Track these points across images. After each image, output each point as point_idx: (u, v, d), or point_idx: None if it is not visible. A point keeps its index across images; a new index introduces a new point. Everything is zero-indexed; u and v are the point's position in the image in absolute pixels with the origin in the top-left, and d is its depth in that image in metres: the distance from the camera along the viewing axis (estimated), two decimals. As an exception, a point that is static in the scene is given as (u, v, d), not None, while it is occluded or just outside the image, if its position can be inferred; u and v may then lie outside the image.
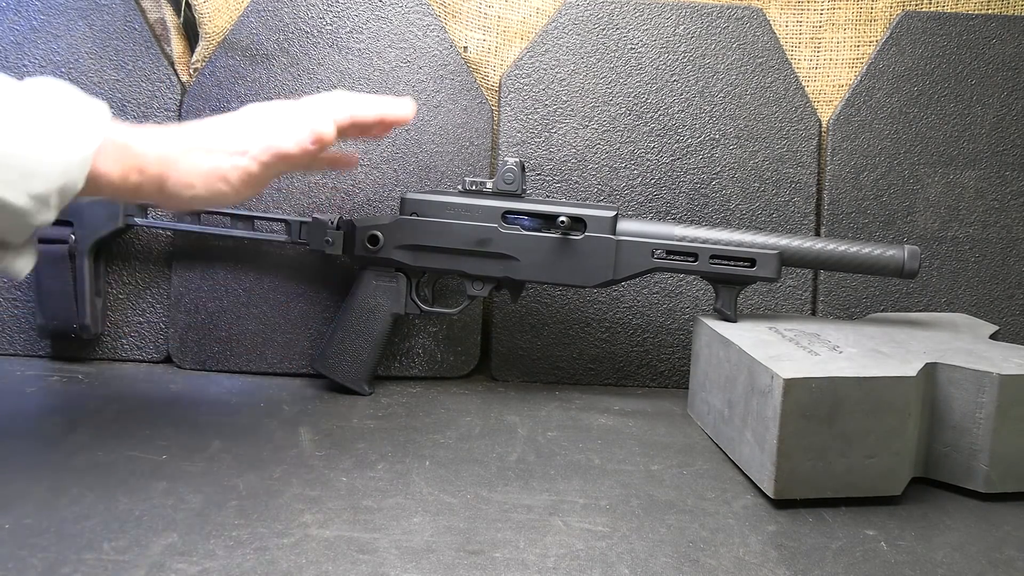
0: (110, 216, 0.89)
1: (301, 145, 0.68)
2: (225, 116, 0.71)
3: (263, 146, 0.68)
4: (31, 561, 0.54)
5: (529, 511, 0.65)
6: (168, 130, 0.69)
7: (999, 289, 1.01)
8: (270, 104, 0.72)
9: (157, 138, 0.67)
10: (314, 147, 0.69)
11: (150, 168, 0.66)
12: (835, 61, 1.02)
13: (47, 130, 0.62)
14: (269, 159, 0.68)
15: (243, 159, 0.68)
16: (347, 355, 0.89)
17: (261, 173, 0.69)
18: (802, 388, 0.67)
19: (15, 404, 0.82)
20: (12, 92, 0.63)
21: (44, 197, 0.61)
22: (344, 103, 0.73)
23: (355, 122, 0.73)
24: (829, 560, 0.60)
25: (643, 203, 0.99)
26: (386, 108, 0.75)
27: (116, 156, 0.64)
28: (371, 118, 0.74)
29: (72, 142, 0.62)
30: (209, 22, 0.94)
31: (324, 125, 0.69)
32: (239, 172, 0.68)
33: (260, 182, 0.69)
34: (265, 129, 0.69)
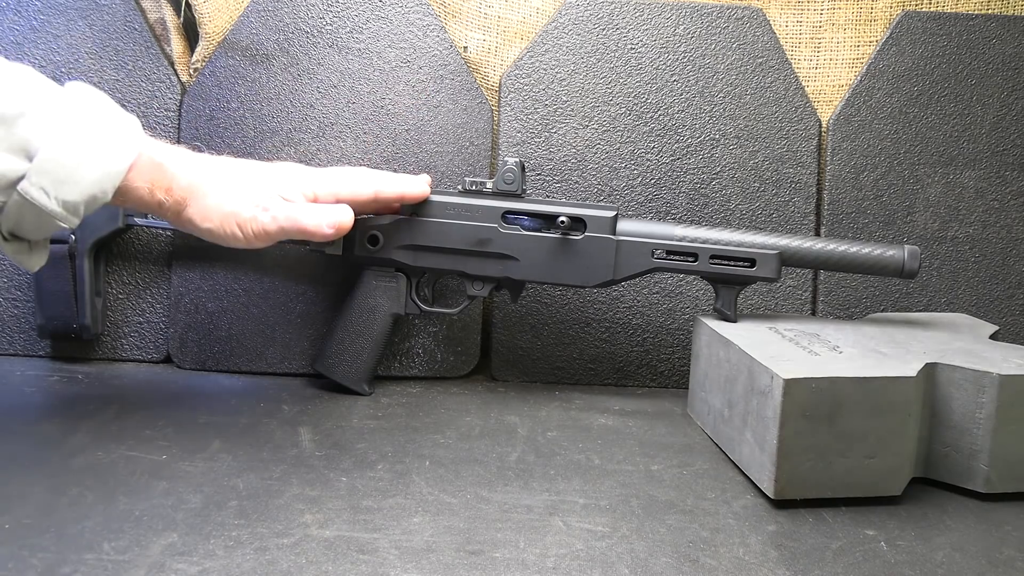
0: (110, 216, 0.89)
1: (320, 230, 0.73)
2: (257, 165, 0.76)
3: (287, 214, 0.72)
4: (31, 561, 0.54)
5: (529, 511, 0.65)
6: (201, 159, 0.72)
7: (999, 289, 1.01)
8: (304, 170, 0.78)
9: (192, 164, 0.70)
10: (331, 233, 0.74)
11: (176, 192, 0.69)
12: (835, 61, 1.02)
13: (88, 141, 0.63)
14: (289, 227, 0.73)
15: (265, 216, 0.72)
16: (347, 355, 0.89)
17: (276, 234, 0.73)
18: (802, 388, 0.67)
19: (15, 404, 0.82)
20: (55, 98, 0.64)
21: (74, 205, 0.64)
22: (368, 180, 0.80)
23: (378, 198, 0.81)
24: (829, 560, 0.60)
25: (643, 203, 0.99)
26: (407, 187, 0.83)
27: (149, 173, 0.67)
28: (392, 195, 0.82)
29: (110, 155, 0.64)
30: (209, 22, 0.94)
31: (345, 217, 0.75)
32: (257, 226, 0.72)
33: (271, 240, 0.73)
34: (286, 196, 0.74)
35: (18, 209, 0.62)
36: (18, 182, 0.61)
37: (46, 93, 0.63)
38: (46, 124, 0.62)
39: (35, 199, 0.61)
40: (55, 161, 0.61)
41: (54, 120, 0.62)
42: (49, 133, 0.62)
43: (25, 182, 0.61)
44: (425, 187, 0.84)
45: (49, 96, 0.63)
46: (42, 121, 0.62)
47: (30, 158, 0.61)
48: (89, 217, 0.86)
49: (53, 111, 0.63)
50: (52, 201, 0.62)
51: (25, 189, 0.61)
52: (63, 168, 0.62)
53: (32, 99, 0.62)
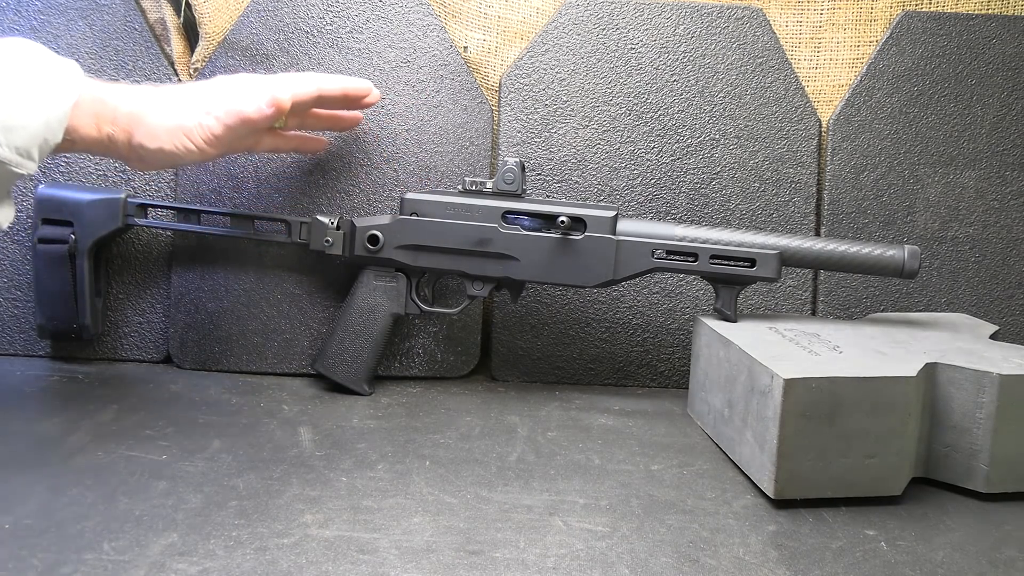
0: (110, 216, 0.89)
1: (259, 109, 0.75)
2: (197, 83, 0.78)
3: (226, 108, 0.74)
4: (31, 561, 0.54)
5: (529, 511, 0.65)
6: (139, 88, 0.74)
7: (999, 289, 1.01)
8: (241, 75, 0.80)
9: (128, 93, 0.72)
10: (271, 111, 0.75)
11: (121, 120, 0.71)
12: (835, 61, 1.02)
13: (28, 86, 0.65)
14: (231, 121, 0.74)
15: (208, 118, 0.73)
16: (347, 355, 0.89)
17: (224, 134, 0.74)
18: (802, 388, 0.67)
19: (15, 404, 0.82)
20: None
21: (26, 149, 0.65)
22: (309, 78, 0.82)
23: (322, 94, 0.82)
24: (829, 560, 0.60)
25: (643, 203, 0.99)
26: (348, 83, 0.85)
27: (91, 110, 0.69)
28: (335, 91, 0.83)
29: (52, 97, 0.66)
30: (209, 22, 0.94)
31: (281, 93, 0.76)
32: (203, 130, 0.73)
33: (223, 143, 0.75)
34: (230, 93, 0.76)
35: None
36: None
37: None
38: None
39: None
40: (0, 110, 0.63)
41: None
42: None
43: None
44: (368, 84, 0.86)
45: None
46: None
47: None
48: (89, 217, 0.88)
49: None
50: (4, 148, 0.63)
51: None
52: (8, 115, 0.63)
53: None
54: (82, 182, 0.94)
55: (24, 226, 0.93)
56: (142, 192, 0.94)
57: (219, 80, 0.78)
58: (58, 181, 0.93)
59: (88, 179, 0.94)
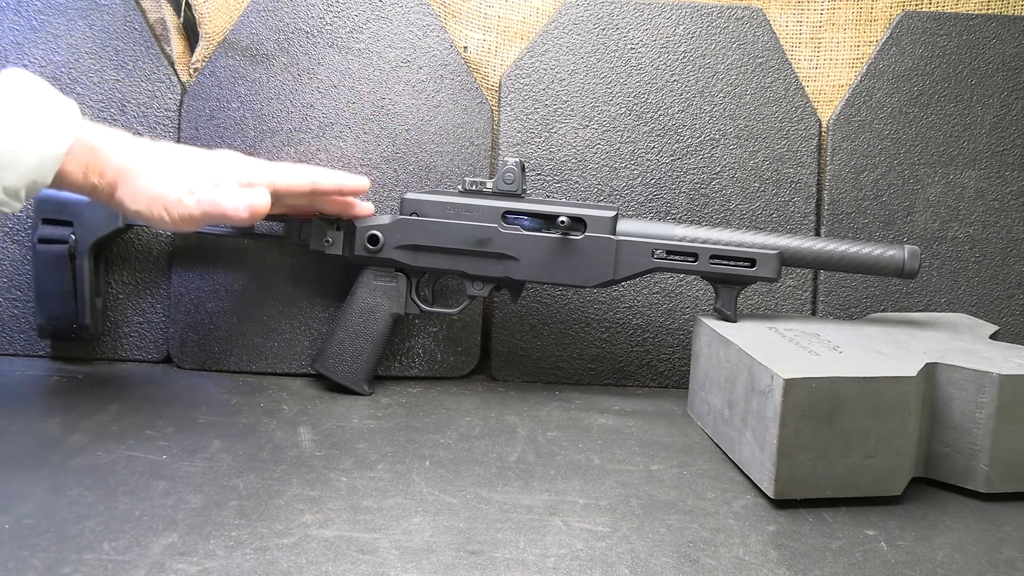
0: (110, 216, 0.89)
1: (236, 210, 0.73)
2: (192, 151, 0.76)
3: (208, 197, 0.73)
4: (31, 561, 0.54)
5: (529, 511, 0.65)
6: (133, 142, 0.73)
7: (999, 289, 1.01)
8: (240, 159, 0.78)
9: (122, 146, 0.71)
10: (246, 214, 0.74)
11: (108, 174, 0.70)
12: (835, 61, 1.02)
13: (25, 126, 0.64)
14: (210, 209, 0.73)
15: (189, 198, 0.72)
16: (347, 355, 0.89)
17: (199, 218, 0.73)
18: (802, 388, 0.67)
19: (15, 404, 0.82)
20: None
21: (15, 190, 0.65)
22: (306, 172, 0.82)
23: (316, 189, 0.82)
24: (829, 560, 0.60)
25: (643, 203, 0.99)
26: (344, 180, 0.84)
27: (83, 156, 0.68)
28: (330, 187, 0.83)
29: (47, 140, 0.65)
30: (209, 22, 0.94)
31: (260, 199, 0.75)
32: (181, 208, 0.72)
33: (196, 223, 0.74)
34: (218, 180, 0.74)
35: None
36: None
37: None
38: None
39: None
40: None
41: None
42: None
43: None
44: (364, 182, 0.85)
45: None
46: None
47: None
48: (89, 217, 0.88)
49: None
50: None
51: None
52: (2, 154, 0.62)
53: None
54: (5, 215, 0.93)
55: (24, 226, 0.93)
56: (142, 192, 0.94)
57: (218, 157, 0.77)
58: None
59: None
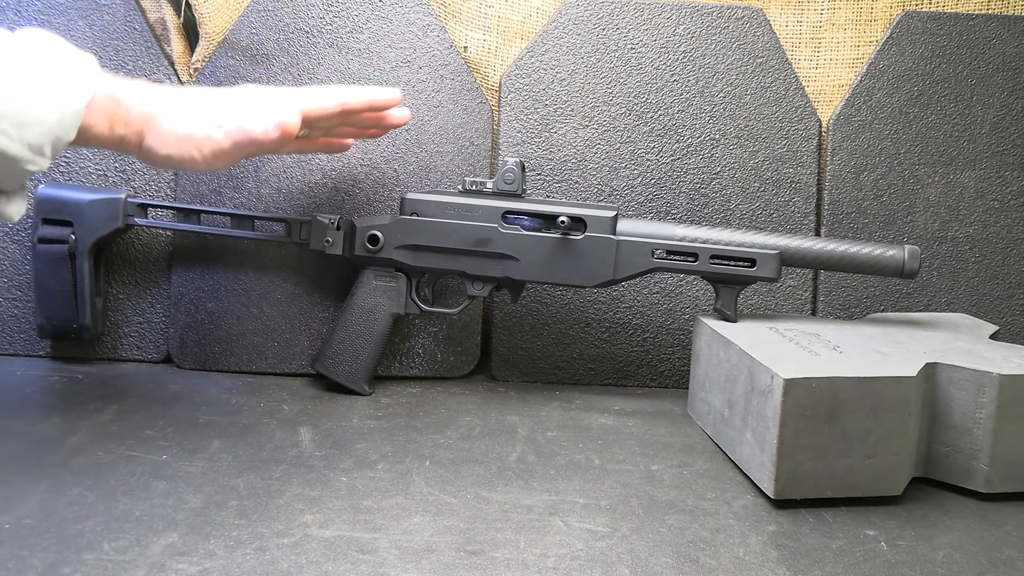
0: (110, 216, 0.89)
1: (266, 131, 0.73)
2: (215, 89, 0.76)
3: (236, 125, 0.72)
4: (31, 561, 0.54)
5: (529, 511, 0.65)
6: (155, 89, 0.73)
7: (999, 289, 1.01)
8: (264, 88, 0.77)
9: (144, 94, 0.71)
10: (276, 134, 0.73)
11: (134, 122, 0.70)
12: (835, 61, 1.02)
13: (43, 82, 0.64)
14: (239, 138, 0.72)
15: (218, 131, 0.72)
16: (347, 355, 0.89)
17: (231, 149, 0.73)
18: (802, 388, 0.67)
19: (15, 404, 0.82)
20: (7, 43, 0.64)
21: (39, 146, 0.64)
22: (333, 91, 0.79)
23: (345, 107, 0.79)
24: (829, 560, 0.60)
25: (643, 203, 0.99)
26: (374, 93, 0.81)
27: (105, 108, 0.68)
28: (361, 103, 0.80)
29: (67, 94, 0.65)
30: (209, 22, 0.94)
31: (290, 116, 0.74)
32: (211, 143, 0.72)
33: (229, 157, 0.73)
34: (243, 109, 0.74)
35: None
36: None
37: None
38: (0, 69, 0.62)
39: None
40: (13, 104, 0.62)
41: (8, 64, 0.62)
42: (4, 77, 0.62)
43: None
44: (396, 93, 0.83)
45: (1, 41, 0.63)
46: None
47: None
48: (89, 217, 0.88)
49: (6, 56, 0.63)
50: (16, 144, 0.62)
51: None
52: (22, 111, 0.62)
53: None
54: (82, 182, 0.94)
55: (24, 226, 0.93)
56: (142, 192, 0.94)
57: (241, 90, 0.76)
58: (58, 181, 0.93)
59: (88, 179, 0.94)
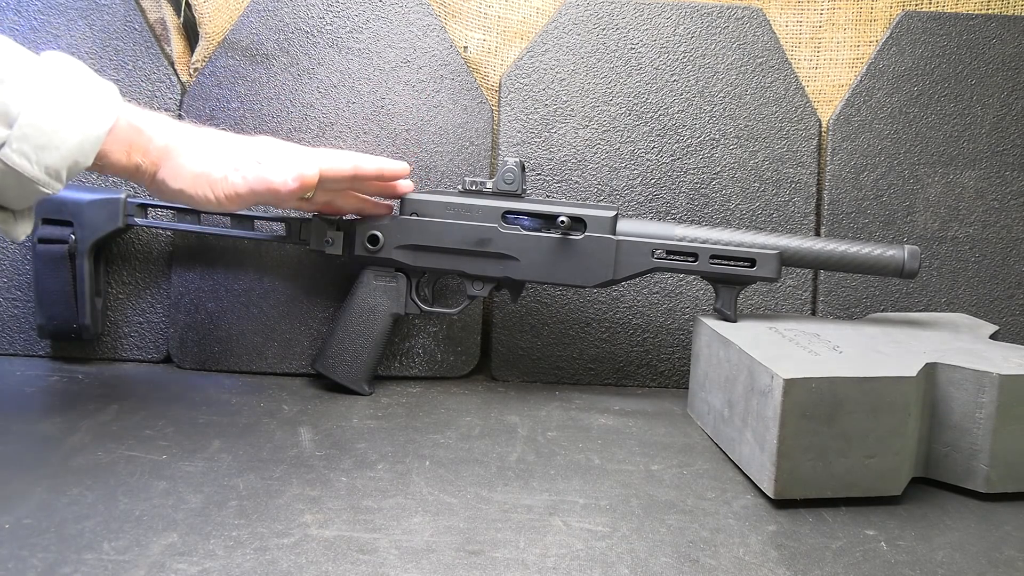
0: (110, 216, 0.89)
1: (286, 183, 0.73)
2: (235, 135, 0.77)
3: (255, 173, 0.73)
4: (31, 561, 0.54)
5: (529, 511, 0.65)
6: (177, 123, 0.73)
7: (999, 289, 1.01)
8: (282, 142, 0.79)
9: (165, 127, 0.72)
10: (295, 185, 0.74)
11: (152, 153, 0.70)
12: (835, 61, 1.02)
13: (66, 106, 0.64)
14: (257, 186, 0.73)
15: (235, 175, 0.73)
16: (347, 355, 0.89)
17: (245, 194, 0.73)
18: (802, 388, 0.67)
19: (15, 404, 0.82)
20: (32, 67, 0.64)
21: (56, 170, 0.64)
22: (347, 156, 0.81)
23: (357, 174, 0.81)
24: (829, 560, 0.60)
25: (643, 203, 0.99)
26: (385, 164, 0.83)
27: (126, 136, 0.68)
28: (372, 171, 0.82)
29: (89, 119, 0.65)
30: (209, 22, 0.94)
31: (309, 169, 0.75)
32: (227, 186, 0.72)
33: (241, 201, 0.74)
34: (263, 158, 0.75)
35: (1, 177, 0.62)
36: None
37: (23, 60, 0.64)
38: (24, 90, 0.62)
39: (17, 165, 0.62)
40: (35, 126, 0.62)
41: (32, 86, 0.63)
42: (28, 99, 0.62)
43: (6, 148, 0.61)
44: (405, 166, 0.84)
45: (26, 63, 0.64)
46: (20, 88, 0.62)
47: (10, 125, 0.61)
48: (89, 217, 0.88)
49: (31, 78, 0.63)
50: (34, 167, 0.63)
51: (7, 155, 0.62)
52: (43, 133, 0.62)
53: (9, 66, 0.62)
54: (82, 182, 0.94)
55: (24, 226, 0.93)
56: (142, 192, 0.94)
57: (260, 140, 0.77)
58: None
59: (88, 179, 0.94)
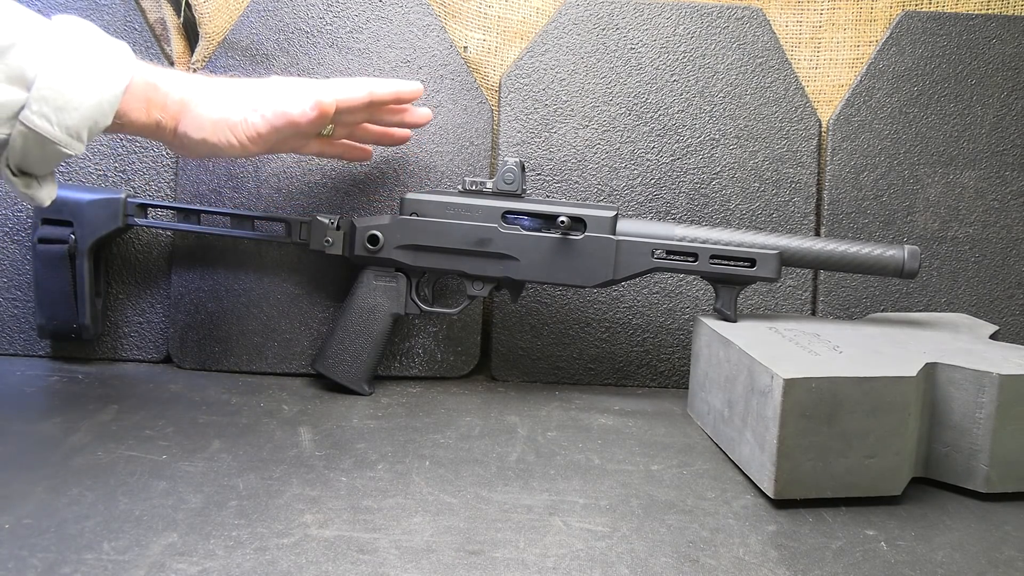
0: (110, 216, 0.89)
1: (304, 112, 0.75)
2: (249, 80, 0.78)
3: (273, 108, 0.74)
4: (31, 561, 0.54)
5: (529, 511, 0.65)
6: (191, 76, 0.75)
7: (999, 289, 1.01)
8: (294, 78, 0.80)
9: (180, 80, 0.73)
10: (314, 114, 0.75)
11: (170, 107, 0.71)
12: (835, 61, 1.02)
13: (82, 67, 0.65)
14: (276, 121, 0.74)
15: (254, 115, 0.74)
16: (347, 355, 0.89)
17: (268, 133, 0.75)
18: (802, 388, 0.67)
19: (15, 404, 0.82)
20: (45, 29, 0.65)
21: (76, 131, 0.65)
22: (361, 82, 0.81)
23: (373, 99, 0.81)
24: (829, 560, 0.60)
25: (643, 203, 0.99)
26: (400, 85, 0.83)
27: (143, 94, 0.69)
28: (388, 94, 0.82)
29: (105, 79, 0.66)
30: (209, 22, 0.94)
31: (326, 97, 0.76)
32: (248, 127, 0.74)
33: (266, 142, 0.75)
34: (278, 94, 0.76)
35: (23, 140, 0.63)
36: (19, 112, 0.62)
37: (35, 24, 0.64)
38: (39, 53, 0.63)
39: (38, 127, 0.63)
40: (52, 88, 0.63)
41: (47, 49, 0.63)
42: (44, 62, 0.63)
43: (26, 111, 0.62)
44: (419, 85, 0.85)
45: (39, 27, 0.64)
46: (35, 50, 0.63)
47: (28, 87, 0.62)
48: (89, 217, 0.88)
49: (45, 41, 0.64)
50: (55, 128, 0.63)
51: (27, 118, 0.62)
52: (61, 94, 0.63)
53: (22, 30, 0.63)
54: (82, 182, 0.94)
55: (24, 226, 0.93)
56: (142, 192, 0.95)
57: (271, 80, 0.78)
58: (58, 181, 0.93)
59: (88, 179, 0.94)
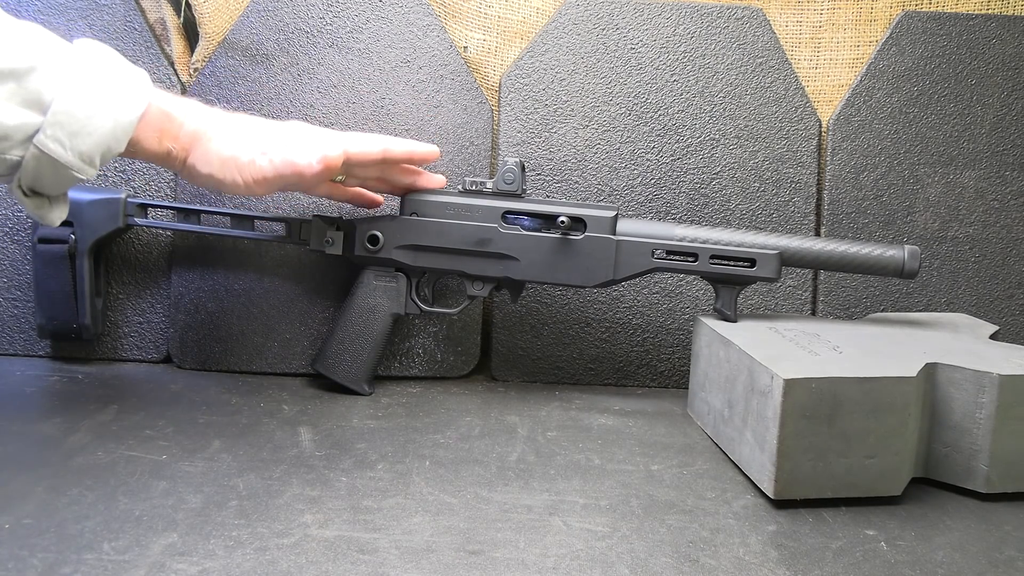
0: (110, 216, 0.89)
1: (310, 164, 0.75)
2: (265, 120, 0.78)
3: (283, 155, 0.75)
4: (31, 561, 0.54)
5: (529, 511, 0.65)
6: (206, 109, 0.74)
7: (999, 289, 1.01)
8: (311, 126, 0.80)
9: (195, 112, 0.73)
10: (319, 167, 0.75)
11: (183, 139, 0.72)
12: (835, 61, 1.02)
13: (98, 93, 0.65)
14: (283, 168, 0.74)
15: (262, 159, 0.74)
16: (347, 355, 0.89)
17: (272, 178, 0.75)
18: (802, 388, 0.67)
19: (15, 404, 0.82)
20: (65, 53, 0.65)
21: (90, 156, 0.65)
22: (377, 139, 0.81)
23: (387, 156, 0.81)
24: (829, 560, 0.60)
25: (643, 203, 0.99)
26: (415, 147, 0.84)
27: (157, 123, 0.70)
28: (402, 153, 0.82)
29: (121, 106, 0.66)
30: (209, 22, 0.94)
31: (334, 150, 0.76)
32: (255, 169, 0.74)
33: (268, 184, 0.75)
34: (290, 141, 0.76)
35: (36, 163, 0.63)
36: (34, 135, 0.63)
37: (56, 48, 0.65)
38: (58, 77, 0.63)
39: (51, 151, 0.63)
40: (68, 113, 0.63)
41: (65, 73, 0.64)
42: (61, 86, 0.63)
43: (41, 135, 0.63)
44: (435, 149, 0.85)
45: (59, 51, 0.65)
46: (54, 75, 0.63)
47: (44, 111, 0.63)
48: (89, 217, 0.88)
49: (64, 65, 0.64)
50: (68, 152, 0.64)
51: (41, 142, 0.63)
52: (76, 120, 0.63)
53: (42, 54, 0.64)
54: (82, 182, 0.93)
55: (24, 226, 0.93)
56: (142, 192, 0.95)
57: (289, 125, 0.78)
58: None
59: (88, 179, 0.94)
